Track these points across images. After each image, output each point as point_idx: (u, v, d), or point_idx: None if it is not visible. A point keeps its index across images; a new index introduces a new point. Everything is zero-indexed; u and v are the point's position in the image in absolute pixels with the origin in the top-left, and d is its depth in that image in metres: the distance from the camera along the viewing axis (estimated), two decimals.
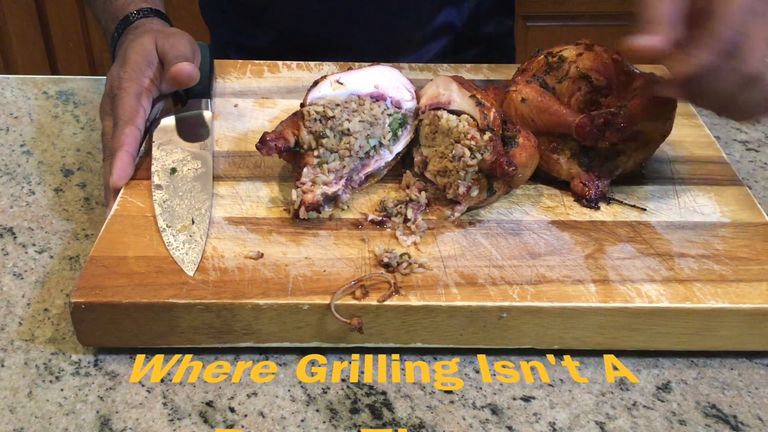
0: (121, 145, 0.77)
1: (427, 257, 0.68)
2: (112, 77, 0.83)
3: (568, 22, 2.13)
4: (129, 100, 0.80)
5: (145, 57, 0.83)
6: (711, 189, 0.79)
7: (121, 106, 0.80)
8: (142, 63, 0.83)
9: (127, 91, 0.81)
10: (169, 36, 0.86)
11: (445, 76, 0.80)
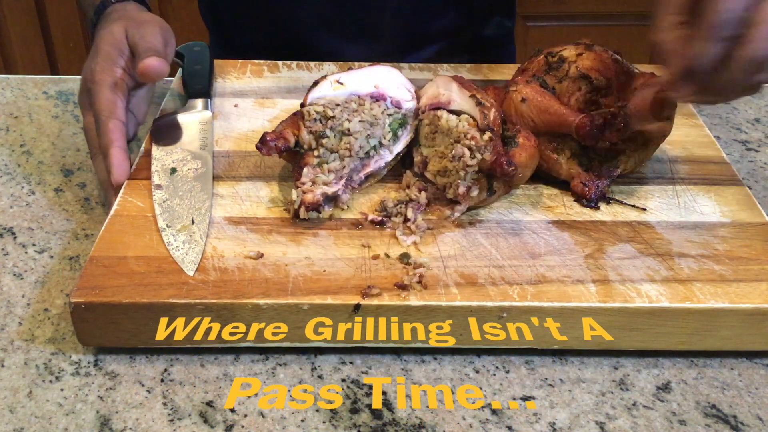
0: (111, 142, 0.76)
1: (427, 257, 0.68)
2: (85, 70, 0.82)
3: (568, 22, 2.13)
4: (106, 93, 0.79)
5: (115, 46, 0.81)
6: (711, 189, 0.79)
7: (98, 100, 0.78)
8: (113, 53, 0.81)
9: (102, 84, 0.79)
10: (140, 25, 0.83)
11: (445, 76, 0.80)
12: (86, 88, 0.81)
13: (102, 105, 0.78)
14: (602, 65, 0.78)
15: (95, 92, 0.79)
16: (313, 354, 0.66)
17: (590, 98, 0.78)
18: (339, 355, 0.66)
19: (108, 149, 0.76)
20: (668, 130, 0.80)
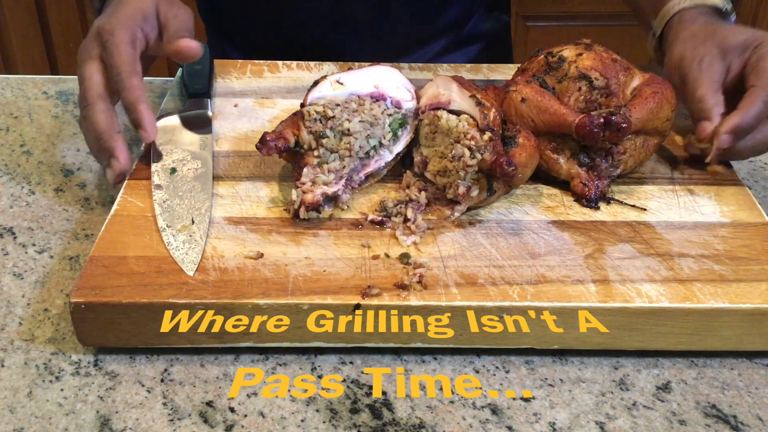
0: (138, 98, 0.74)
1: (427, 257, 0.68)
2: (100, 23, 0.76)
3: (568, 22, 2.13)
4: (127, 47, 0.74)
5: (141, 12, 0.77)
6: (711, 189, 0.78)
7: (118, 53, 0.74)
8: (137, 16, 0.77)
9: (123, 38, 0.75)
10: (172, 4, 0.80)
11: (445, 76, 0.80)
12: (99, 40, 0.75)
13: (123, 58, 0.74)
14: (602, 65, 0.78)
15: (113, 44, 0.74)
16: (313, 354, 0.66)
17: (590, 98, 0.78)
18: (339, 355, 0.66)
19: (136, 105, 0.74)
20: (668, 130, 0.80)
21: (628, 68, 0.80)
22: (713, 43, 0.81)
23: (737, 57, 0.79)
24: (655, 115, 0.76)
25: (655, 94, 0.76)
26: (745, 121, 0.75)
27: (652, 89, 0.77)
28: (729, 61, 0.80)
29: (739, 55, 0.79)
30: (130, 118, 0.75)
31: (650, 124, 0.77)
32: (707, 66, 0.79)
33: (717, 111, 0.77)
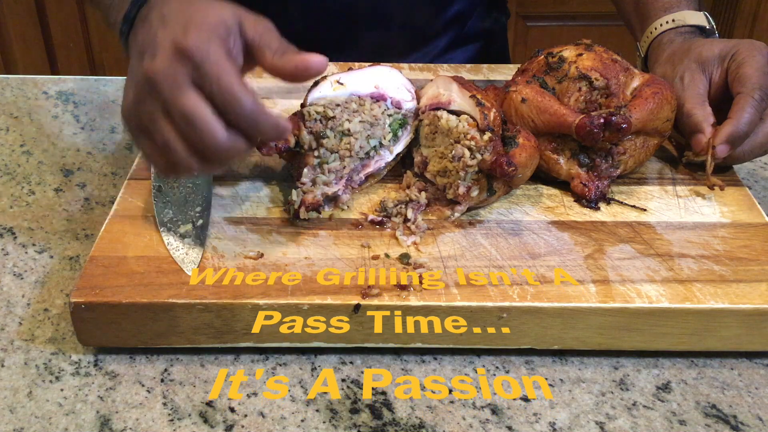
0: (271, 130, 0.62)
1: (427, 257, 0.68)
2: (176, 40, 0.59)
3: (568, 22, 2.13)
4: (232, 67, 0.60)
5: (224, 25, 0.62)
6: (711, 189, 0.78)
7: (226, 75, 0.59)
8: (221, 29, 0.61)
9: (221, 55, 0.60)
10: (254, 18, 0.65)
11: (446, 76, 0.80)
12: (188, 60, 0.59)
13: (234, 81, 0.59)
14: (602, 65, 0.78)
15: (214, 64, 0.59)
16: (313, 354, 0.66)
17: (590, 99, 0.78)
18: (339, 355, 0.66)
19: (274, 132, 0.62)
20: (668, 130, 0.80)
21: (628, 69, 0.80)
22: (690, 58, 0.83)
23: (716, 68, 0.82)
24: (655, 115, 0.76)
25: (655, 95, 0.76)
26: (739, 128, 0.76)
27: (652, 90, 0.77)
28: (710, 73, 0.82)
29: (717, 66, 0.81)
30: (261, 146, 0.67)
31: (650, 125, 0.77)
32: (689, 81, 0.82)
33: (707, 123, 0.78)
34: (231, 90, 0.59)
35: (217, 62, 0.59)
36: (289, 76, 0.63)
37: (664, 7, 0.90)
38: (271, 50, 0.64)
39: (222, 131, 0.59)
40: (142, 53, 0.62)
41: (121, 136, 0.94)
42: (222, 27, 0.62)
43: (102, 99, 1.02)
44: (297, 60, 0.63)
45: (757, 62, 0.79)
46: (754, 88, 0.77)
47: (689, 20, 0.88)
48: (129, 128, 0.64)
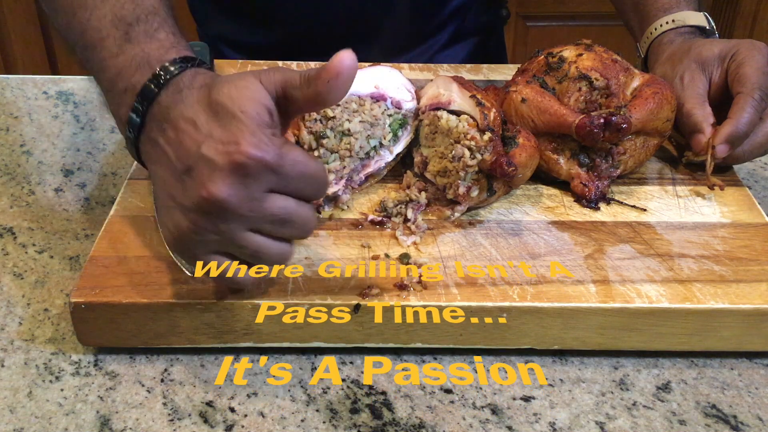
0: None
1: (427, 257, 0.68)
2: (229, 152, 0.52)
3: (568, 22, 2.13)
4: (299, 153, 0.55)
5: (264, 109, 0.55)
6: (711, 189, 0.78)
7: (302, 166, 0.55)
8: (265, 116, 0.55)
9: (288, 148, 0.54)
10: (278, 69, 0.57)
11: (446, 76, 0.80)
12: (259, 172, 0.53)
13: (308, 165, 0.56)
14: (602, 65, 0.78)
15: (291, 164, 0.54)
16: (313, 354, 0.66)
17: (590, 99, 0.78)
18: (339, 355, 0.66)
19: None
20: (668, 130, 0.80)
21: (628, 69, 0.80)
22: (690, 58, 0.83)
23: (716, 68, 0.82)
24: (655, 115, 0.76)
25: (655, 95, 0.76)
26: (739, 128, 0.76)
27: (653, 90, 0.77)
28: (709, 73, 0.82)
29: (717, 65, 0.82)
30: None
31: (650, 125, 0.77)
32: (689, 81, 0.82)
33: (707, 123, 0.78)
34: (311, 175, 0.55)
35: (290, 158, 0.54)
36: (328, 93, 0.55)
37: (663, 8, 0.90)
38: (298, 88, 0.56)
39: (312, 212, 0.58)
40: (185, 172, 0.54)
41: (121, 135, 0.94)
42: (264, 112, 0.55)
43: (102, 99, 1.02)
44: (325, 73, 0.54)
45: (757, 62, 0.79)
46: (753, 88, 0.77)
47: (689, 20, 0.88)
48: (186, 256, 0.58)
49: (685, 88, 0.81)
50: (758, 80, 0.77)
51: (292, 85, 0.56)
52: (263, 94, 0.55)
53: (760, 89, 0.77)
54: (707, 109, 0.79)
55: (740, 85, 0.78)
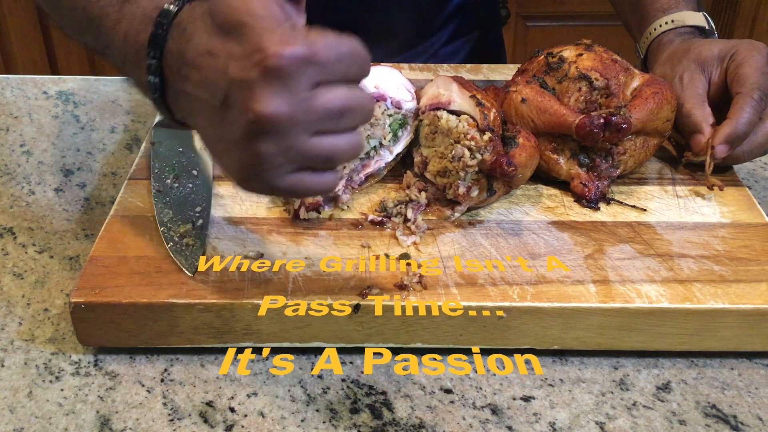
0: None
1: (427, 257, 0.68)
2: (258, 62, 0.48)
3: (568, 22, 2.13)
4: (330, 37, 0.50)
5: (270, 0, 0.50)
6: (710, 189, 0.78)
7: (336, 49, 0.50)
8: (272, 8, 0.50)
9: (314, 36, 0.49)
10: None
11: (446, 76, 0.80)
12: (293, 72, 0.48)
13: (342, 45, 0.51)
14: (602, 65, 0.78)
15: (323, 51, 0.49)
16: (313, 354, 0.66)
17: (590, 99, 0.78)
18: (339, 355, 0.66)
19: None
20: (668, 130, 0.80)
21: (628, 69, 0.80)
22: (690, 58, 0.83)
23: (716, 68, 0.82)
24: (655, 115, 0.76)
25: (655, 95, 0.76)
26: (738, 129, 0.76)
27: (652, 90, 0.77)
28: (709, 73, 0.82)
29: (717, 66, 0.82)
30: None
31: (650, 125, 0.77)
32: (688, 81, 0.82)
33: (707, 123, 0.78)
34: (350, 53, 0.50)
35: (321, 44, 0.49)
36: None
37: (662, 8, 0.90)
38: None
39: (367, 92, 0.53)
40: (223, 105, 0.50)
41: (121, 136, 0.94)
42: (272, 5, 0.50)
43: (102, 99, 1.02)
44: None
45: (756, 62, 0.79)
46: (753, 88, 0.77)
47: (688, 21, 0.88)
48: (266, 192, 0.54)
49: (685, 88, 0.81)
50: (757, 80, 0.77)
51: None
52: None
53: (759, 89, 0.77)
54: (707, 110, 0.79)
55: (739, 85, 0.78)
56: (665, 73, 0.84)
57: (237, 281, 0.65)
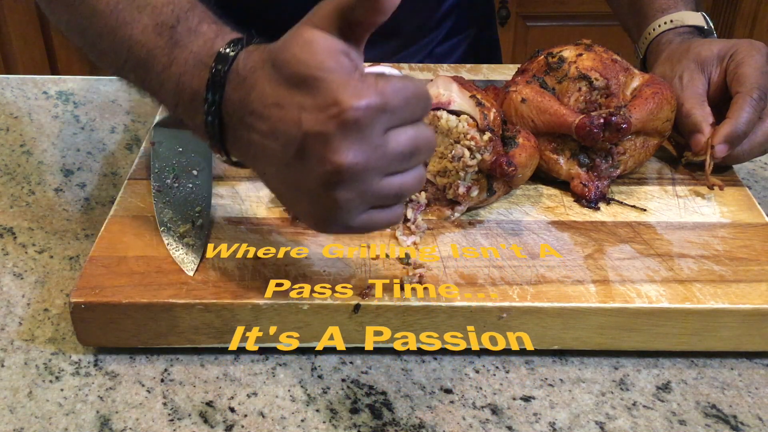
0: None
1: (427, 257, 0.68)
2: (333, 114, 0.49)
3: (568, 22, 2.13)
4: (397, 80, 0.52)
5: (343, 53, 0.51)
6: (710, 189, 0.78)
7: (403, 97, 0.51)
8: (346, 61, 0.51)
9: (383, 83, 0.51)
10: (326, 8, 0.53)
11: (446, 76, 0.80)
12: (367, 120, 0.49)
13: (409, 89, 0.52)
14: (602, 65, 0.78)
15: (392, 97, 0.50)
16: (313, 354, 0.66)
17: (590, 99, 0.78)
18: (339, 355, 0.66)
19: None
20: (668, 130, 0.80)
21: (628, 69, 0.80)
22: (689, 58, 0.83)
23: (715, 68, 0.82)
24: (655, 115, 0.76)
25: (655, 95, 0.76)
26: (738, 128, 0.76)
27: (652, 90, 0.77)
28: (708, 72, 0.82)
29: (716, 65, 0.82)
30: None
31: (650, 125, 0.77)
32: (688, 81, 0.82)
33: (706, 122, 0.78)
34: (416, 95, 0.52)
35: (390, 90, 0.50)
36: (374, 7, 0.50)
37: (661, 8, 0.91)
38: (354, 8, 0.51)
39: (428, 127, 0.55)
40: (297, 157, 0.51)
41: (121, 136, 0.94)
42: (341, 57, 0.51)
43: (102, 99, 1.02)
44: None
45: (756, 62, 0.79)
46: (752, 88, 0.77)
47: (687, 21, 0.88)
48: (341, 232, 0.56)
49: (684, 88, 0.81)
50: (757, 80, 0.77)
51: (347, 9, 0.51)
52: (329, 40, 0.51)
53: (758, 89, 0.77)
54: (706, 109, 0.79)
55: (739, 85, 0.78)
56: (665, 73, 0.84)
57: (237, 281, 0.65)
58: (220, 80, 0.54)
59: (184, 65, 0.57)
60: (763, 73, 0.78)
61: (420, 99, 0.52)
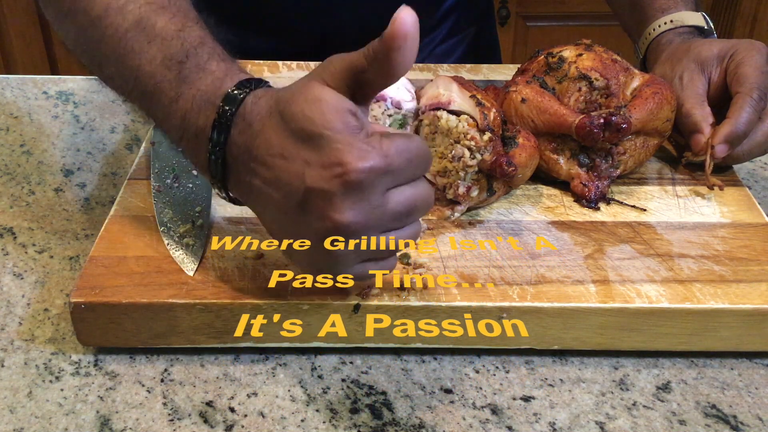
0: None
1: (427, 257, 0.68)
2: (337, 174, 0.50)
3: (568, 22, 2.13)
4: (409, 139, 0.54)
5: (350, 113, 0.52)
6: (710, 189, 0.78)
7: (408, 161, 0.53)
8: (353, 122, 0.52)
9: (388, 144, 0.52)
10: (333, 67, 0.55)
11: (446, 76, 0.80)
12: (371, 181, 0.51)
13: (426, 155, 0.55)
14: (602, 65, 0.78)
15: (395, 161, 0.52)
16: (313, 354, 0.66)
17: (590, 99, 0.78)
18: (339, 355, 0.66)
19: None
20: (668, 130, 0.80)
21: (628, 69, 0.80)
22: (689, 58, 0.83)
23: (715, 68, 0.82)
24: (655, 115, 0.76)
25: (655, 95, 0.76)
26: (738, 128, 0.76)
27: (652, 90, 0.77)
28: (708, 73, 0.82)
29: (716, 65, 0.82)
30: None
31: (650, 125, 0.77)
32: (688, 81, 0.82)
33: (706, 123, 0.79)
34: (417, 156, 0.53)
35: (393, 152, 0.51)
36: (400, 61, 0.51)
37: (661, 9, 0.91)
38: (366, 70, 0.53)
39: (427, 184, 0.56)
40: (299, 209, 0.53)
41: (121, 136, 0.94)
42: (348, 117, 0.52)
43: (102, 99, 1.02)
44: (390, 42, 0.51)
45: (756, 62, 0.79)
46: (752, 88, 0.77)
47: (687, 21, 0.88)
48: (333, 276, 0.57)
49: (684, 88, 0.81)
50: (757, 80, 0.77)
51: (359, 70, 0.52)
52: (338, 99, 0.52)
53: (758, 89, 0.77)
54: (706, 109, 0.79)
55: (739, 85, 0.78)
56: (665, 73, 0.84)
57: (237, 281, 0.65)
58: (227, 121, 0.55)
59: (192, 101, 0.57)
60: (763, 73, 0.78)
61: (421, 159, 0.54)
